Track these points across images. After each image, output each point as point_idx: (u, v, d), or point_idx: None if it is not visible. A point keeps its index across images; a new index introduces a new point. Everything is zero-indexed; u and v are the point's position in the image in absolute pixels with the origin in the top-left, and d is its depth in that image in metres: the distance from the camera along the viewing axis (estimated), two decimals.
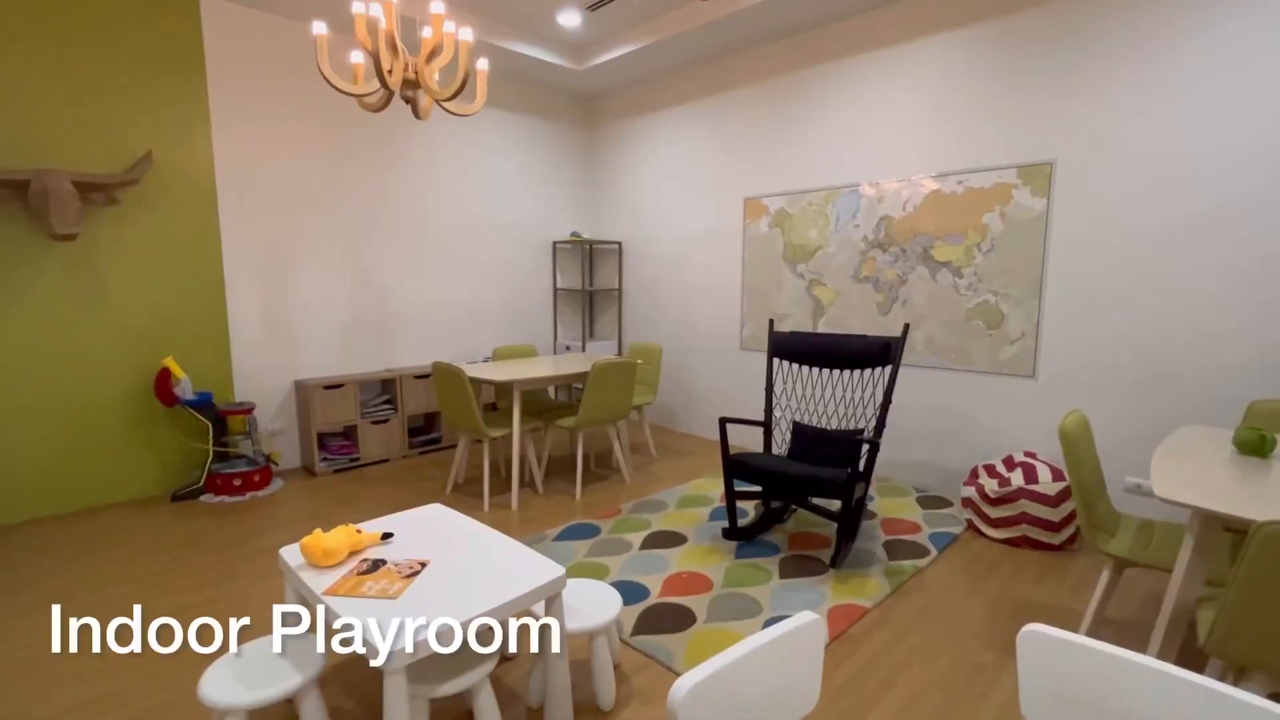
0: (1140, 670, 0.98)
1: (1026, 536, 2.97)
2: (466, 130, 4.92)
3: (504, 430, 3.52)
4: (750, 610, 2.40)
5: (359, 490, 3.84)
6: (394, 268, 4.64)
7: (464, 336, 5.11)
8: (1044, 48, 3.16)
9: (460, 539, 1.93)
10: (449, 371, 3.43)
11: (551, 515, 3.40)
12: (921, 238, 3.69)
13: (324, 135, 4.18)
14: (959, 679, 2.01)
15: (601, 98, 5.65)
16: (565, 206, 5.71)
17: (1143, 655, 0.99)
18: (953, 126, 3.52)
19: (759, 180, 4.50)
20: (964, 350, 3.57)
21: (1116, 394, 3.07)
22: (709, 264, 4.92)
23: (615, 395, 3.71)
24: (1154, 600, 2.49)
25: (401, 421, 4.47)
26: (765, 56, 4.37)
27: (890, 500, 3.57)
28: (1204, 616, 1.61)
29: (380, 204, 4.51)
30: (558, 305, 5.77)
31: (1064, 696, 1.08)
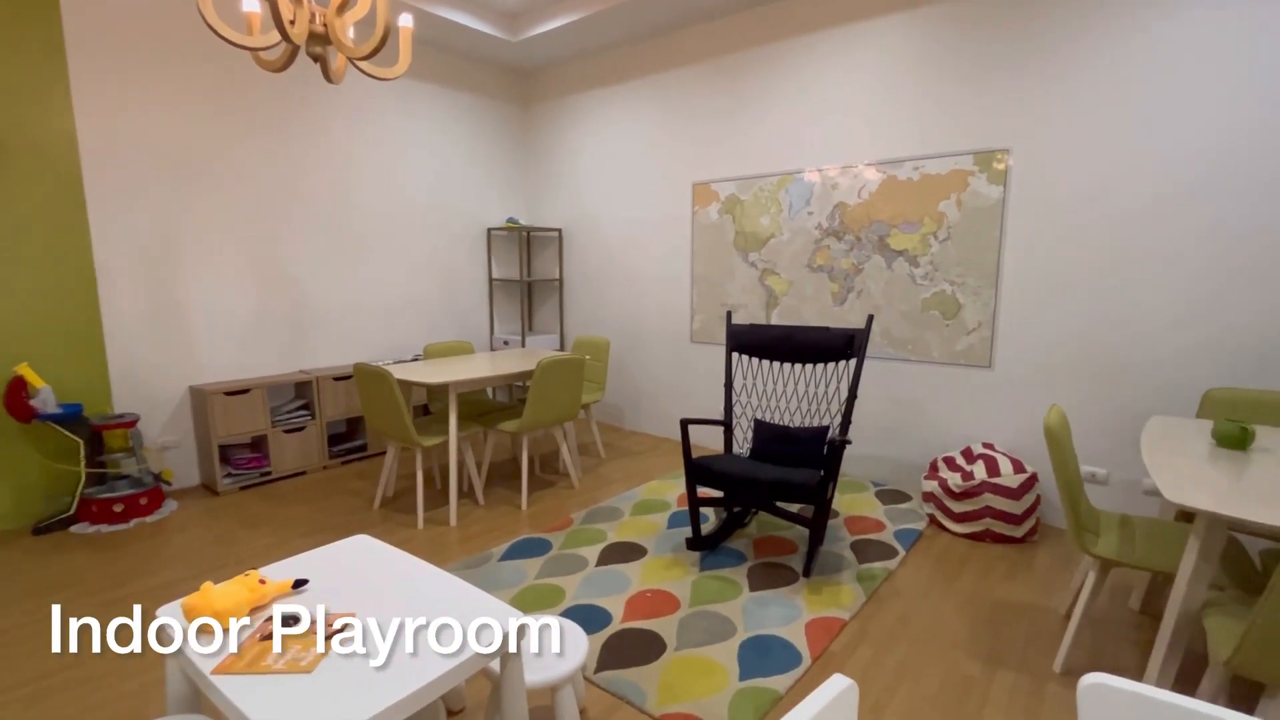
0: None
1: (990, 530, 2.93)
2: (389, 101, 4.45)
3: (439, 438, 3.17)
4: (724, 631, 2.19)
5: (271, 509, 3.38)
6: (307, 256, 4.14)
7: (389, 333, 4.65)
8: (1000, 31, 3.09)
9: (394, 581, 1.61)
10: (374, 374, 3.04)
11: (496, 530, 3.09)
12: (877, 225, 3.59)
13: (218, 101, 3.62)
14: (951, 696, 1.88)
15: (539, 73, 5.27)
16: (500, 191, 5.32)
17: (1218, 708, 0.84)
18: (908, 110, 3.42)
19: (708, 164, 4.30)
20: (921, 341, 3.51)
21: (1072, 384, 3.07)
22: (656, 252, 4.68)
23: (563, 395, 3.42)
24: (1124, 592, 2.47)
25: (320, 429, 4.00)
26: (714, 33, 4.15)
27: (850, 496, 3.47)
28: (1212, 625, 1.53)
29: (290, 183, 3.99)
30: (494, 297, 5.38)
31: None
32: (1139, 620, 2.30)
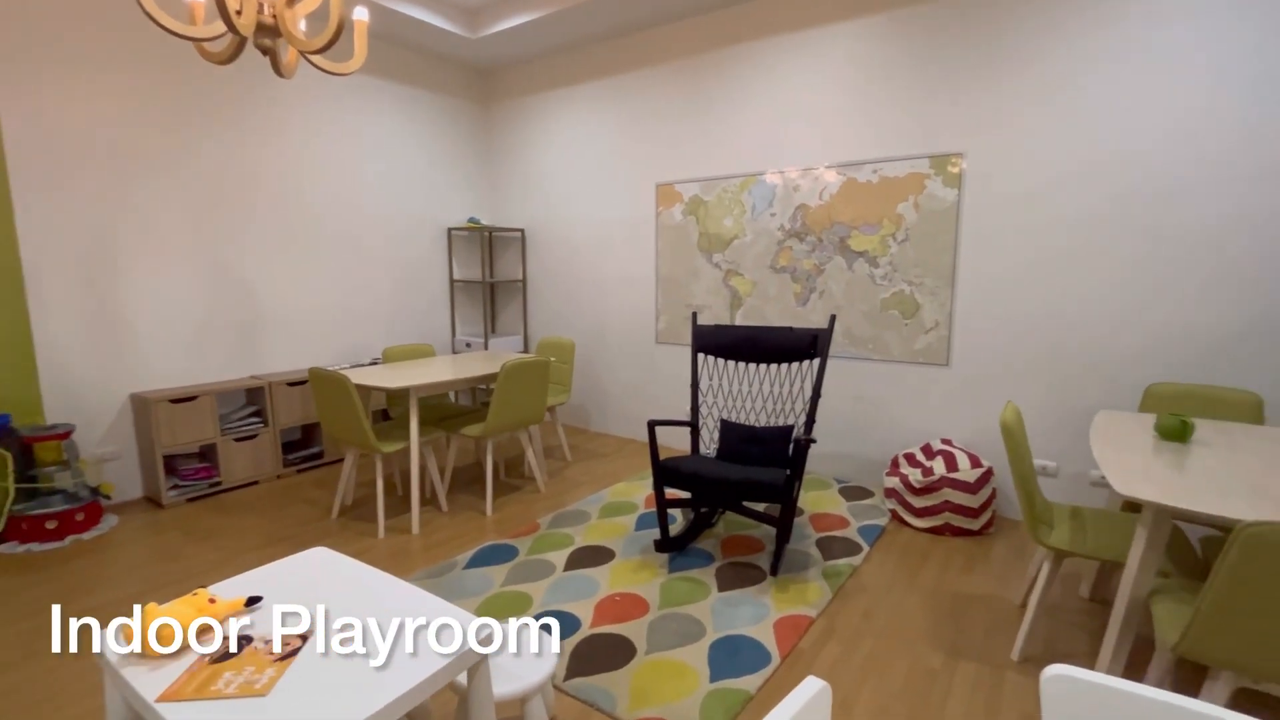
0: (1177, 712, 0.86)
1: (949, 524, 3.01)
2: (345, 98, 4.31)
3: (400, 443, 3.08)
4: (694, 633, 2.19)
5: (221, 522, 3.23)
6: (259, 256, 3.97)
7: (347, 336, 4.51)
8: (952, 40, 3.18)
9: (354, 595, 1.54)
10: (330, 379, 2.93)
11: (460, 537, 3.02)
12: (838, 227, 3.65)
13: (160, 94, 3.45)
14: (916, 690, 1.92)
15: (499, 71, 5.20)
16: (461, 190, 5.22)
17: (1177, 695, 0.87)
18: (866, 115, 3.49)
19: (671, 166, 4.30)
20: (881, 340, 3.58)
21: (1024, 380, 3.17)
22: (620, 253, 4.66)
23: (528, 397, 3.37)
24: (1074, 580, 2.57)
25: (273, 436, 3.84)
26: (677, 35, 4.16)
27: (814, 494, 3.52)
28: (1159, 611, 1.60)
29: (240, 181, 3.83)
30: (455, 299, 5.28)
31: None
32: (1089, 607, 2.40)
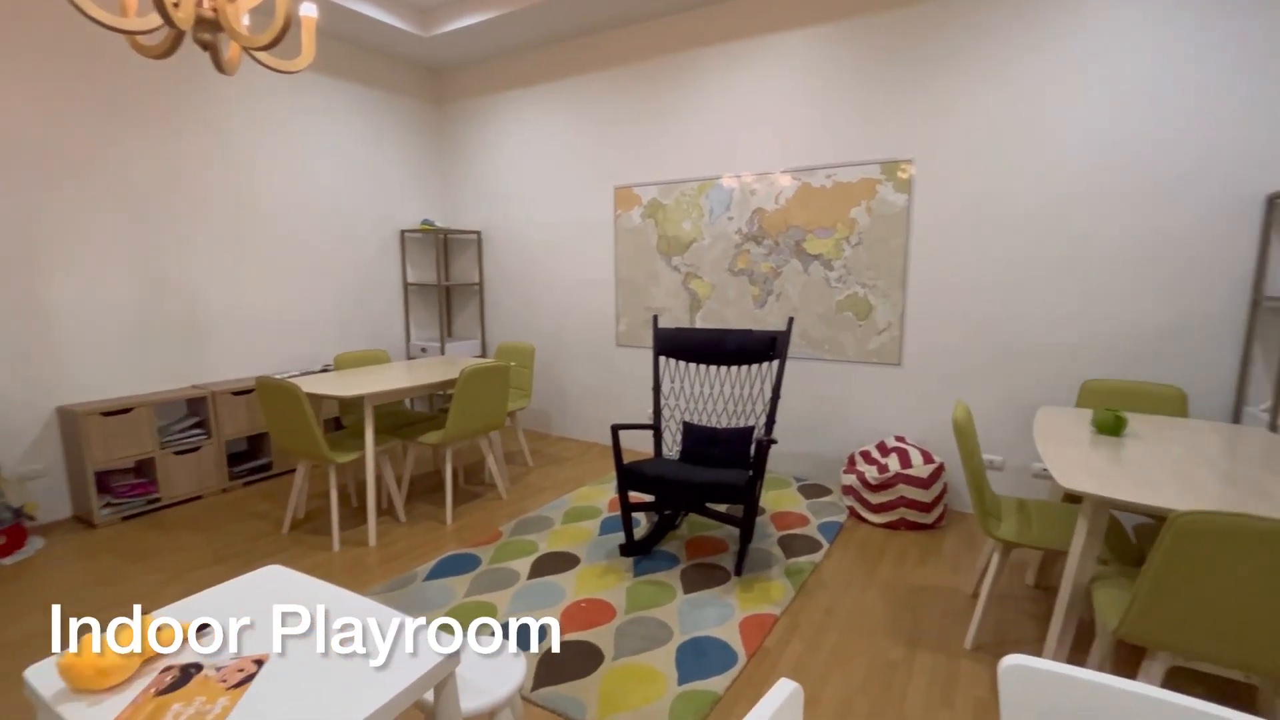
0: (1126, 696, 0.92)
1: (904, 519, 3.11)
2: (293, 96, 4.15)
3: (354, 453, 2.99)
4: (661, 636, 2.20)
5: (161, 540, 3.06)
6: (200, 261, 3.78)
7: (295, 342, 4.34)
8: (902, 50, 3.29)
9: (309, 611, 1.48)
10: (279, 388, 2.82)
11: (420, 548, 2.95)
12: (793, 231, 3.73)
13: (90, 88, 3.24)
14: (878, 682, 1.97)
15: (453, 71, 5.10)
16: (414, 192, 5.10)
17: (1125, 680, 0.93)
18: (820, 121, 3.57)
19: (629, 169, 4.31)
20: (836, 341, 3.68)
21: (971, 378, 3.31)
22: (579, 256, 4.64)
23: (488, 403, 3.32)
24: (1020, 569, 2.69)
25: (218, 448, 3.67)
26: (633, 38, 4.17)
27: (774, 493, 3.59)
28: (1100, 597, 1.69)
29: (180, 181, 3.64)
30: (409, 302, 5.15)
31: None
32: (1034, 594, 2.52)
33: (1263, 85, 2.59)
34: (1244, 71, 2.62)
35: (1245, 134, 2.64)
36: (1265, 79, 2.58)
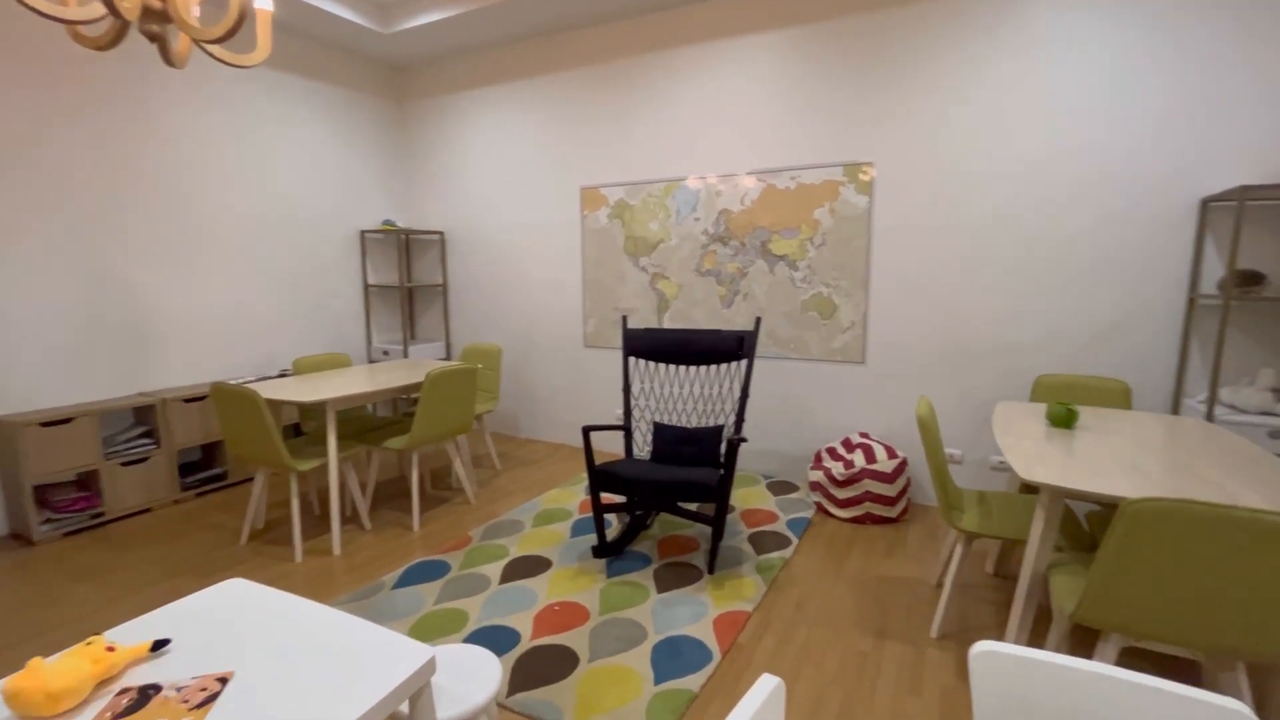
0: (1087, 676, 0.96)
1: (870, 513, 3.18)
2: (248, 92, 4.01)
3: (316, 460, 2.90)
4: (636, 636, 2.20)
5: (108, 557, 2.92)
6: (149, 262, 3.61)
7: (252, 346, 4.19)
8: (862, 55, 3.37)
9: (275, 628, 1.44)
10: (236, 394, 2.72)
11: (387, 556, 2.88)
12: (759, 232, 3.78)
13: (25, 80, 3.06)
14: (850, 674, 2.02)
15: (414, 68, 5.00)
16: (374, 191, 4.98)
17: (1086, 661, 0.97)
18: (784, 123, 3.63)
19: (596, 169, 4.30)
20: (801, 340, 3.74)
21: (931, 375, 3.41)
22: (546, 257, 4.61)
23: (455, 407, 3.26)
24: (980, 558, 2.79)
25: (168, 458, 3.51)
26: (599, 38, 4.16)
27: (744, 490, 3.63)
28: (1057, 583, 1.76)
29: (125, 179, 3.47)
30: (370, 305, 5.03)
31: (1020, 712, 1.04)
32: (994, 583, 2.61)
33: (1196, 96, 2.74)
34: (1180, 83, 2.77)
35: (1181, 141, 2.79)
36: (1198, 91, 2.74)
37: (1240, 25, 2.64)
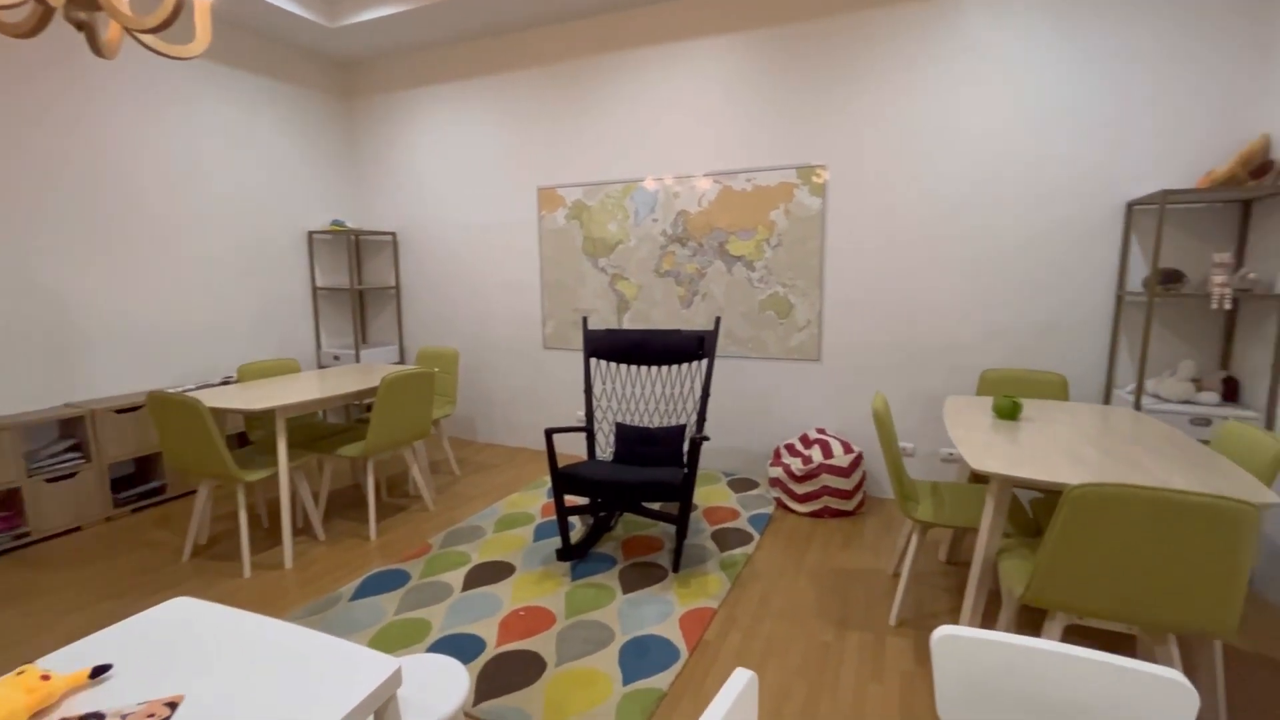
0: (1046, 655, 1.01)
1: (828, 507, 3.26)
2: (185, 85, 3.81)
3: (265, 470, 2.78)
4: (603, 638, 2.19)
5: (33, 579, 2.72)
6: (75, 266, 3.39)
7: (191, 354, 3.98)
8: (817, 59, 3.46)
9: (226, 646, 1.37)
10: (176, 403, 2.58)
11: (343, 567, 2.78)
12: (717, 233, 3.83)
13: None
14: (813, 665, 2.06)
15: (363, 64, 4.85)
16: (322, 191, 4.81)
17: (1039, 640, 1.02)
18: (740, 126, 3.69)
19: (553, 169, 4.27)
20: (759, 339, 3.81)
21: (884, 371, 3.52)
22: (503, 257, 4.55)
23: (412, 412, 3.18)
24: (933, 547, 2.89)
25: (99, 473, 3.30)
26: (553, 38, 4.13)
27: (706, 488, 3.66)
28: (1006, 567, 1.84)
29: (48, 178, 3.24)
30: (319, 308, 4.85)
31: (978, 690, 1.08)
32: (947, 570, 2.71)
33: (1121, 106, 2.93)
34: (1106, 92, 2.94)
35: (1108, 148, 2.97)
36: (1123, 100, 2.92)
37: (1159, 43, 2.83)
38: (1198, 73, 2.79)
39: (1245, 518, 1.36)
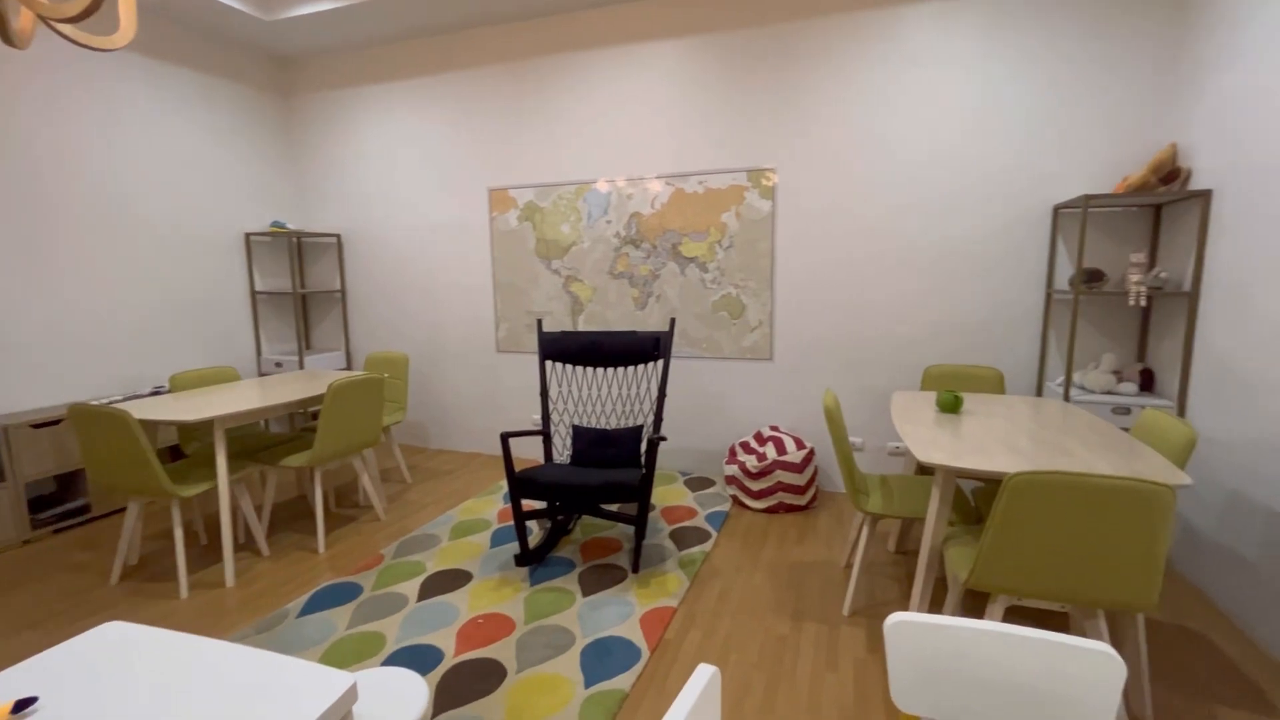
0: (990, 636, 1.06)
1: (782, 503, 3.34)
2: (109, 79, 3.58)
3: (202, 484, 2.64)
4: (564, 642, 2.18)
5: None
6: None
7: (117, 363, 3.75)
8: (765, 63, 3.53)
9: (165, 671, 1.30)
10: (102, 416, 2.42)
11: (289, 582, 2.67)
12: (670, 234, 3.86)
13: None
14: (771, 658, 2.11)
15: (302, 61, 4.68)
16: (260, 191, 4.61)
17: (984, 621, 1.07)
18: (690, 128, 3.74)
19: (504, 170, 4.22)
20: (713, 339, 3.86)
21: (833, 368, 3.63)
22: (453, 259, 4.46)
23: (361, 419, 3.09)
24: (882, 538, 2.99)
25: (14, 493, 3.07)
26: (502, 37, 4.08)
27: (663, 488, 3.69)
28: (951, 554, 1.93)
29: None
30: (258, 313, 4.65)
31: (929, 673, 1.13)
32: (896, 559, 2.82)
33: (1049, 112, 3.11)
34: (1035, 102, 3.12)
35: (1037, 154, 3.15)
36: (1050, 109, 3.10)
37: (1085, 54, 3.02)
38: (1117, 84, 2.99)
39: (1161, 498, 1.47)
